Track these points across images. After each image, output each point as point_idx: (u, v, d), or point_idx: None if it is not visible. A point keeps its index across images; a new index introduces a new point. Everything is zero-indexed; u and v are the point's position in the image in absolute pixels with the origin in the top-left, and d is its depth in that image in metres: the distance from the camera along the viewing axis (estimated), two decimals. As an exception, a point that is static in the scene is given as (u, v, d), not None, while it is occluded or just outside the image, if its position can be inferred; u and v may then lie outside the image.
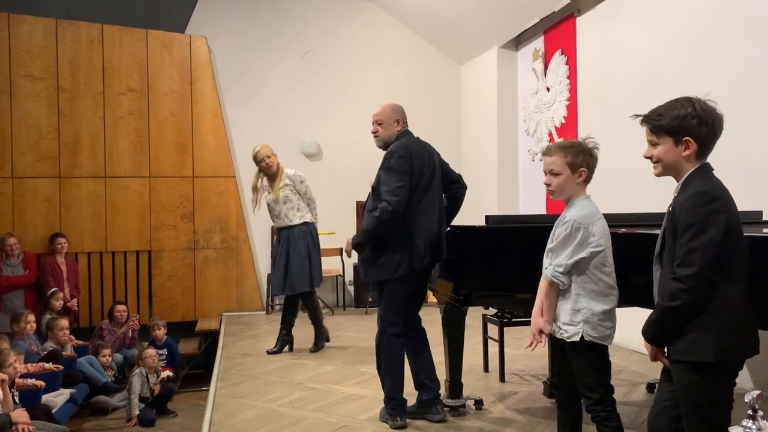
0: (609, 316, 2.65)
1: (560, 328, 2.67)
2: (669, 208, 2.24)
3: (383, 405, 3.85)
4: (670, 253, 2.16)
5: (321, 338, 6.02)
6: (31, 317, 5.76)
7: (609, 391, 2.67)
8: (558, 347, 2.75)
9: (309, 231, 5.91)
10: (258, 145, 5.94)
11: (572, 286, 2.63)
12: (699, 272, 2.03)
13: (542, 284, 2.72)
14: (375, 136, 3.89)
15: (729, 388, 2.15)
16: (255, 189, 5.95)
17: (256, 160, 5.83)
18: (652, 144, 2.25)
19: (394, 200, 3.58)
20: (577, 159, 2.65)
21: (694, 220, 2.05)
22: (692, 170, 2.18)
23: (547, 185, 2.72)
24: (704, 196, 2.08)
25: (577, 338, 2.61)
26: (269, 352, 5.85)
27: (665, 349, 2.24)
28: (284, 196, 5.84)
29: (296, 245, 5.79)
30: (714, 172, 2.21)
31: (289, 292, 5.85)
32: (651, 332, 2.21)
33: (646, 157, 2.29)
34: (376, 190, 3.72)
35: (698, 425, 2.12)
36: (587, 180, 2.72)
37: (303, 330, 6.99)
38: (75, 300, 7.19)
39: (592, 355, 2.64)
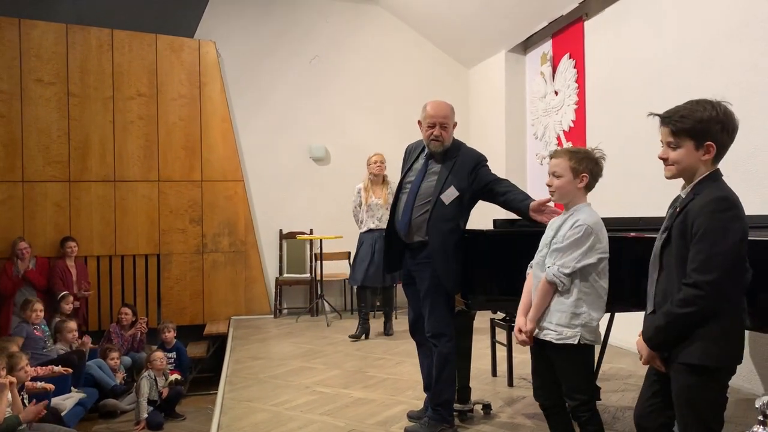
0: (599, 320, 2.70)
1: (550, 330, 2.66)
2: (675, 208, 2.20)
3: (426, 419, 3.67)
4: (679, 255, 2.12)
5: (389, 327, 6.80)
6: (39, 305, 5.87)
7: (593, 392, 2.74)
8: (539, 349, 2.74)
9: None
10: (373, 153, 6.72)
11: (574, 290, 2.63)
12: (719, 279, 2.00)
13: (538, 284, 2.70)
14: (436, 140, 3.64)
15: (725, 392, 2.17)
16: (366, 190, 6.69)
17: (368, 164, 6.62)
18: (671, 146, 2.20)
19: None
20: (580, 164, 2.68)
21: (715, 226, 2.02)
22: (706, 174, 2.16)
23: (549, 186, 2.77)
24: (725, 202, 2.06)
25: (574, 341, 2.60)
26: (351, 337, 6.55)
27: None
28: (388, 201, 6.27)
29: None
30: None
31: (380, 283, 6.61)
32: (659, 339, 2.17)
33: (662, 158, 2.25)
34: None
35: (694, 427, 2.12)
36: (589, 187, 2.74)
37: (312, 333, 7.01)
38: (87, 292, 7.27)
39: (583, 358, 2.67)
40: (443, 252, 3.54)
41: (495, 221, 3.75)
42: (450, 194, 3.59)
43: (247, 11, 8.54)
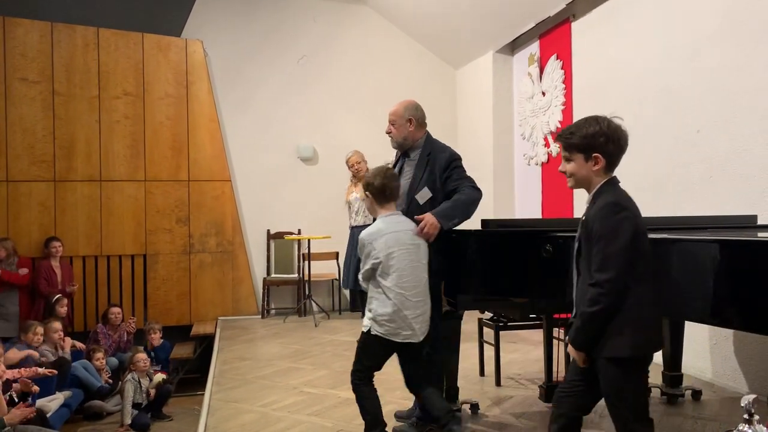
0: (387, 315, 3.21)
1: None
2: (582, 217, 2.41)
3: (414, 419, 3.70)
4: (587, 260, 2.33)
5: None
6: (40, 329, 5.79)
7: (362, 366, 3.37)
8: None
9: None
10: (350, 151, 6.68)
11: (369, 290, 3.38)
12: (616, 276, 2.20)
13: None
14: (389, 136, 3.78)
15: (645, 379, 2.43)
16: (348, 187, 6.92)
17: (347, 165, 6.59)
18: (566, 160, 2.43)
19: (479, 189, 3.61)
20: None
21: (608, 229, 2.24)
22: (601, 183, 2.37)
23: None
24: (616, 206, 2.28)
25: (364, 329, 3.33)
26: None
27: None
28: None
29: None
30: (620, 184, 2.42)
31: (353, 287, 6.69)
32: (579, 340, 2.34)
33: (561, 172, 2.48)
34: (445, 186, 3.63)
35: (622, 414, 2.30)
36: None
37: (300, 334, 6.99)
38: (74, 286, 7.21)
39: (364, 340, 3.36)
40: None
41: (483, 221, 3.76)
42: (424, 195, 3.60)
43: (234, 10, 8.51)
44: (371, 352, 3.32)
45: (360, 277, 3.31)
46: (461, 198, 3.49)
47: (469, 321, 4.54)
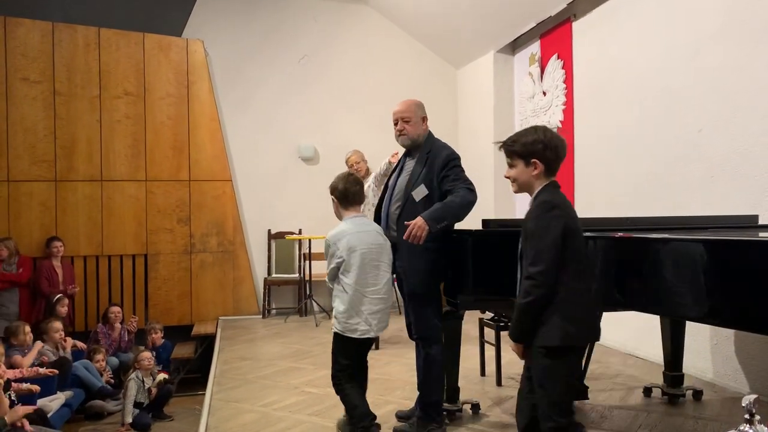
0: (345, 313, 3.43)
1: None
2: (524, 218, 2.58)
3: (415, 419, 3.68)
4: (526, 256, 2.49)
5: None
6: (27, 328, 5.73)
7: (337, 365, 3.51)
8: None
9: None
10: (350, 151, 6.49)
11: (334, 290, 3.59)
12: (546, 269, 2.36)
13: None
14: (401, 134, 3.72)
15: (574, 370, 2.57)
16: None
17: (347, 164, 6.39)
18: (510, 166, 2.62)
19: (475, 192, 3.58)
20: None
21: (539, 226, 2.42)
22: (541, 187, 2.54)
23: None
24: (547, 204, 2.46)
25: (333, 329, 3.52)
26: None
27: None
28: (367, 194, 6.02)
29: None
30: (560, 188, 2.59)
31: None
32: (516, 332, 2.50)
33: (506, 177, 2.65)
34: (439, 185, 3.60)
35: (549, 404, 2.42)
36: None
37: (301, 333, 6.99)
38: (75, 289, 7.19)
39: (336, 339, 3.57)
40: (409, 249, 3.50)
41: (484, 221, 3.75)
42: (420, 192, 3.58)
43: (235, 10, 8.51)
44: (342, 351, 3.49)
45: (327, 278, 3.54)
46: (454, 200, 3.46)
47: (470, 321, 4.54)
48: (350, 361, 3.48)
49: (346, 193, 3.53)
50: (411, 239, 3.30)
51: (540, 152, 2.52)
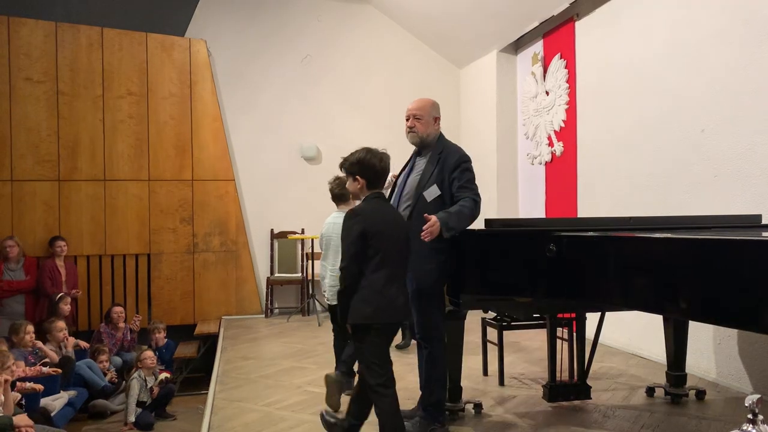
0: None
1: None
2: None
3: (417, 419, 3.66)
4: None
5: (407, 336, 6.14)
6: (30, 327, 5.71)
7: None
8: None
9: None
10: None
11: None
12: (348, 264, 3.05)
13: None
14: (411, 131, 3.74)
15: (380, 346, 3.09)
16: None
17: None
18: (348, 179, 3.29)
19: (480, 203, 3.58)
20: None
21: (345, 230, 3.09)
22: (365, 198, 3.20)
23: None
24: (351, 213, 3.11)
25: None
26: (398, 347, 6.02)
27: None
28: None
29: None
30: (379, 199, 3.21)
31: None
32: (341, 314, 3.11)
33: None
34: (445, 185, 3.62)
35: (365, 368, 3.08)
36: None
37: (303, 333, 7.00)
38: (76, 292, 7.20)
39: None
40: (417, 249, 3.49)
41: (487, 221, 3.75)
42: (432, 192, 3.58)
43: (238, 10, 8.52)
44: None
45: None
46: (464, 212, 3.48)
47: (473, 321, 4.54)
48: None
49: (333, 195, 4.63)
50: (424, 233, 3.34)
51: (360, 171, 3.18)
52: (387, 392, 3.04)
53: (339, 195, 4.62)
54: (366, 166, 3.18)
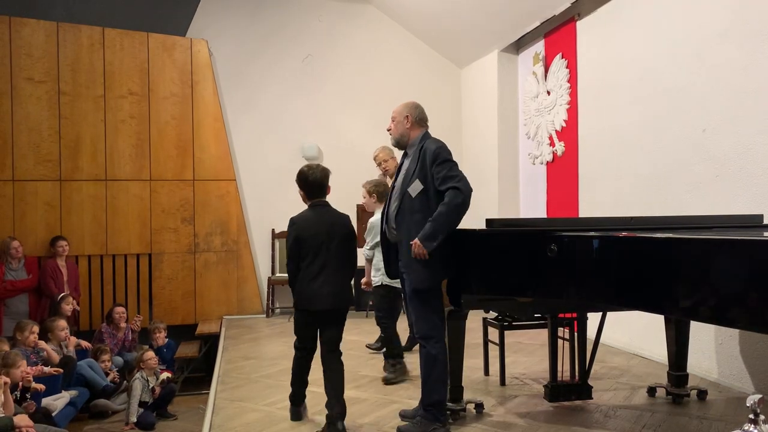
0: None
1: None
2: None
3: (418, 419, 3.67)
4: None
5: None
6: (36, 328, 5.71)
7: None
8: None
9: None
10: (377, 148, 6.04)
11: None
12: (288, 262, 3.87)
13: None
14: (389, 133, 3.87)
15: (302, 324, 3.93)
16: None
17: (376, 162, 6.03)
18: None
19: (466, 185, 3.49)
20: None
21: (287, 235, 3.89)
22: (308, 206, 3.90)
23: None
24: (290, 220, 3.86)
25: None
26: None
27: None
28: None
29: None
30: (317, 207, 3.87)
31: None
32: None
33: None
34: (426, 187, 3.58)
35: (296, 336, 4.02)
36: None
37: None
38: (76, 302, 7.18)
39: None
40: (408, 245, 3.51)
41: (488, 220, 3.75)
42: (416, 188, 3.58)
43: (239, 10, 8.52)
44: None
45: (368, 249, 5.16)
46: (441, 211, 3.44)
47: (474, 321, 4.53)
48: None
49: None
50: (416, 257, 3.48)
51: (299, 184, 3.91)
52: (296, 354, 4.02)
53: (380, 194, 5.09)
54: (300, 180, 3.90)
